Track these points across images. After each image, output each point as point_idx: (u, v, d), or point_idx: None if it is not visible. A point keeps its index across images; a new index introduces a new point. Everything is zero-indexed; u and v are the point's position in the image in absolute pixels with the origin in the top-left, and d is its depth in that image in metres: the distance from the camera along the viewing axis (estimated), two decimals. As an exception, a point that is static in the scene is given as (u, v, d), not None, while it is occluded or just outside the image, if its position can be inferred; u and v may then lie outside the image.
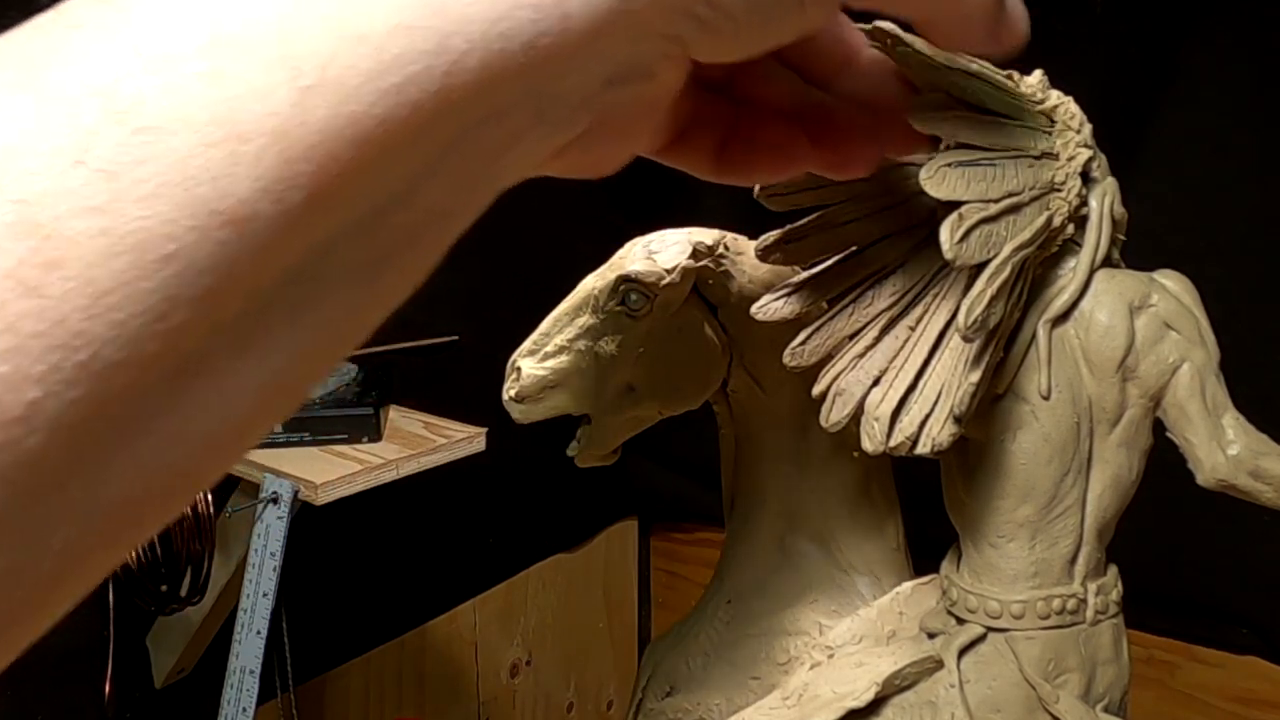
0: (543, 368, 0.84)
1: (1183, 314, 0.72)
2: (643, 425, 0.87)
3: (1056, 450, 0.73)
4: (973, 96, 0.64)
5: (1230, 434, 0.70)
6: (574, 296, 0.86)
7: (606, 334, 0.82)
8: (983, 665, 0.77)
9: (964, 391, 0.67)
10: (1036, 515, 0.74)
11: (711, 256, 0.83)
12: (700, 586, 0.99)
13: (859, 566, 0.88)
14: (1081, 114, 0.70)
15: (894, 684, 0.81)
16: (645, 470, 1.93)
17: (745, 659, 0.90)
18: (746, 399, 0.89)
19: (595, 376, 0.83)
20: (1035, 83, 0.70)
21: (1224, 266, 1.31)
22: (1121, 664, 0.79)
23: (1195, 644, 1.50)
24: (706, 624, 0.94)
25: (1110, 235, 0.72)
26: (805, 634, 0.88)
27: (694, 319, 0.84)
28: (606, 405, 0.84)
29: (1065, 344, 0.73)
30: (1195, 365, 0.71)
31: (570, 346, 0.84)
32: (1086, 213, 0.71)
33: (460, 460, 1.21)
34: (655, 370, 0.83)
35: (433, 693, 1.73)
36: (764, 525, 0.90)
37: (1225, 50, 1.35)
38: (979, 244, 0.64)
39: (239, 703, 1.13)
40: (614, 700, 2.04)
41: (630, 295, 0.81)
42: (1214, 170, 1.37)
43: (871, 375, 0.69)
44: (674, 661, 0.94)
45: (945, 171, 0.63)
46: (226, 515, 1.19)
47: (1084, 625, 0.76)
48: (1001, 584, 0.75)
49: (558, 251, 1.78)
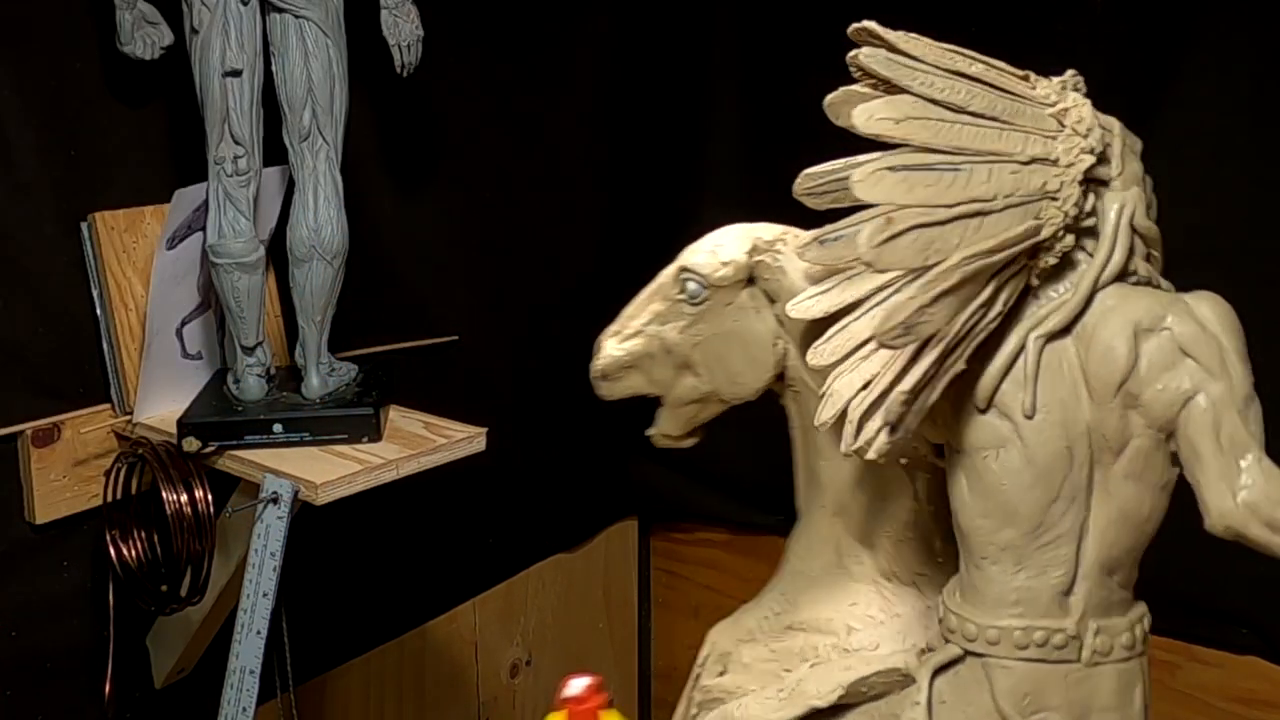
0: (620, 349, 0.88)
1: (1203, 340, 0.65)
2: (708, 412, 0.90)
3: (1041, 474, 0.68)
4: (953, 98, 0.63)
5: (1246, 477, 0.62)
6: (652, 283, 0.90)
7: (671, 320, 0.86)
8: (961, 688, 0.75)
9: (893, 400, 0.65)
10: (1021, 540, 0.69)
11: (768, 251, 0.85)
12: (700, 586, 1.00)
13: (902, 576, 0.88)
14: (1093, 119, 0.67)
15: (860, 691, 0.81)
16: (645, 470, 1.93)
17: (784, 651, 0.91)
18: (804, 395, 0.89)
19: (663, 361, 0.87)
20: (1055, 84, 0.68)
21: (1224, 267, 1.31)
22: (1128, 715, 0.72)
23: (1195, 644, 1.50)
24: (760, 611, 0.95)
25: (1128, 249, 0.68)
26: (835, 635, 0.88)
27: (749, 311, 0.86)
28: (673, 389, 0.88)
29: (1063, 362, 0.68)
30: (1211, 397, 0.64)
31: (643, 330, 0.87)
32: (1095, 223, 0.68)
33: (460, 460, 1.20)
34: (712, 357, 0.86)
35: (433, 693, 1.73)
36: (823, 522, 0.91)
37: (1225, 50, 1.35)
38: (912, 249, 0.62)
39: (239, 703, 1.13)
40: (614, 700, 2.04)
41: (689, 284, 0.84)
42: (1214, 170, 1.37)
43: (864, 378, 0.68)
44: (728, 643, 0.95)
45: (882, 175, 0.62)
46: (226, 515, 1.19)
47: (1077, 665, 0.71)
48: (982, 607, 0.72)
49: (558, 252, 1.78)
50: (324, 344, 1.23)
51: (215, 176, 1.15)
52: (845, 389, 0.69)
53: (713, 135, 1.80)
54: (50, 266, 1.20)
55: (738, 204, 1.75)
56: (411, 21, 1.26)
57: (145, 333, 1.21)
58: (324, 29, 1.14)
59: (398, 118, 1.48)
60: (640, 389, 0.89)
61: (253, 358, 1.22)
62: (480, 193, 1.62)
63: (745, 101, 1.76)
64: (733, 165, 1.78)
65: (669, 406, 0.90)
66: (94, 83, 1.21)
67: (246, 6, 1.11)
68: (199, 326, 1.27)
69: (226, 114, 1.13)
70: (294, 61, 1.14)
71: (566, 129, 1.71)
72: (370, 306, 1.47)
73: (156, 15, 1.17)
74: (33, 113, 1.17)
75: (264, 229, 1.24)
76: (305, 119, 1.16)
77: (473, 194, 1.62)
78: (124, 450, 1.23)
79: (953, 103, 0.64)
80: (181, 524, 1.15)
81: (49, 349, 1.21)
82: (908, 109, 0.63)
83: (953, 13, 1.35)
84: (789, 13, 1.67)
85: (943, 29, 0.72)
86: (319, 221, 1.18)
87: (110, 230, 1.22)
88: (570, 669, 2.03)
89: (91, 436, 1.23)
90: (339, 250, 1.19)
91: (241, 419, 1.18)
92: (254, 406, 1.20)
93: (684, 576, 1.99)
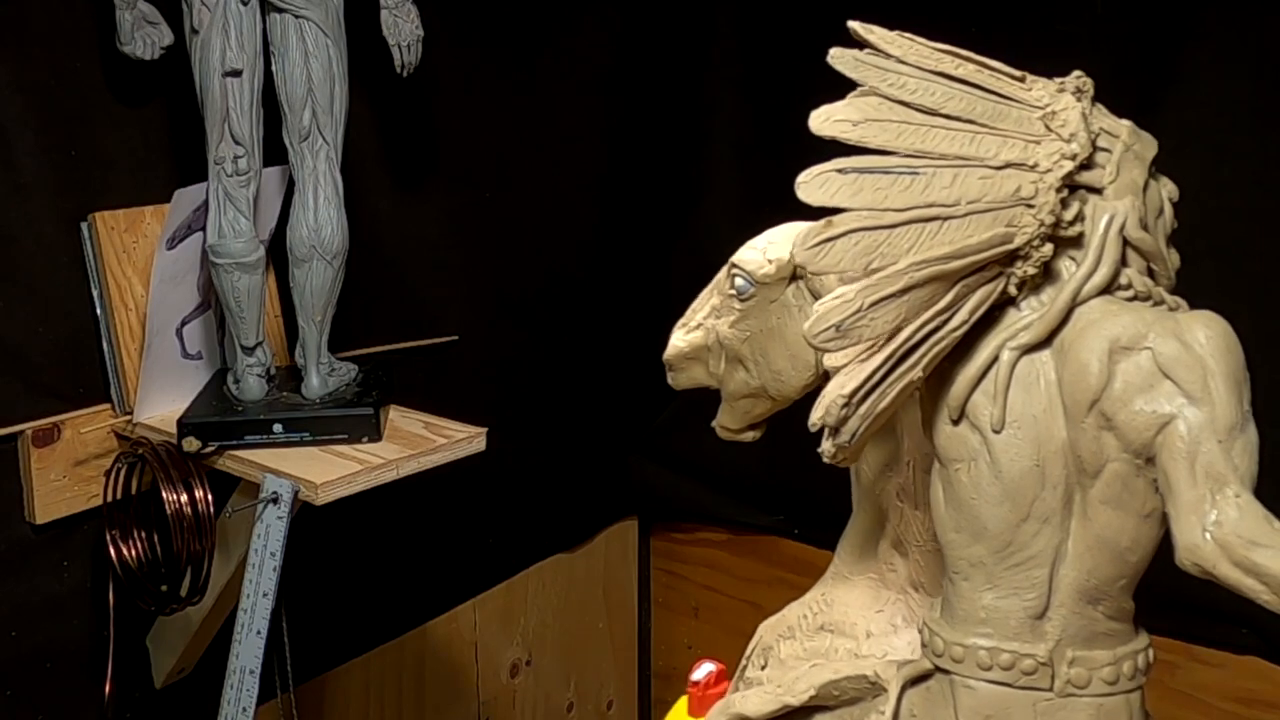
0: (684, 340, 0.88)
1: (1186, 363, 0.60)
2: (761, 408, 0.88)
3: (1009, 491, 0.65)
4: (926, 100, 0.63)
5: (1217, 513, 0.57)
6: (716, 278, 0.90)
7: (724, 315, 0.86)
8: (931, 704, 0.72)
9: (833, 402, 0.63)
10: (990, 558, 0.66)
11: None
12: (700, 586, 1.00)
13: (929, 588, 0.87)
14: (1080, 123, 0.64)
15: (832, 693, 0.80)
16: (645, 470, 1.93)
17: (814, 649, 0.90)
18: None
19: (718, 354, 0.87)
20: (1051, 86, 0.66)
21: (1223, 267, 1.32)
22: None
23: (1195, 644, 1.50)
24: (802, 609, 0.95)
25: (1115, 261, 0.64)
26: (855, 640, 0.88)
27: (793, 309, 0.86)
28: (728, 383, 0.88)
29: (1041, 377, 0.64)
30: (1189, 424, 0.59)
31: (703, 323, 0.88)
32: (1080, 233, 0.64)
33: (460, 460, 1.20)
34: (759, 353, 0.86)
35: (433, 693, 1.73)
36: (866, 526, 0.91)
37: (1225, 50, 1.35)
38: (850, 253, 0.60)
39: (239, 703, 1.13)
40: (614, 700, 2.04)
41: (737, 280, 0.84)
42: (1214, 170, 1.37)
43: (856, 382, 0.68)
44: (771, 638, 0.95)
45: (829, 177, 0.61)
46: (226, 515, 1.19)
47: (1048, 694, 0.66)
48: (952, 623, 0.69)
49: (558, 253, 1.78)
50: (324, 344, 1.23)
51: (215, 176, 1.15)
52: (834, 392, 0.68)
53: (713, 136, 1.80)
54: (50, 266, 1.20)
55: (738, 204, 1.77)
56: (411, 21, 1.26)
57: (145, 333, 1.21)
58: (324, 29, 1.14)
59: (398, 118, 1.48)
60: (702, 380, 0.90)
61: (253, 358, 1.22)
62: (480, 193, 1.63)
63: (745, 103, 1.76)
64: (732, 166, 1.78)
65: (726, 399, 0.90)
66: (94, 83, 1.21)
67: (246, 6, 1.11)
68: (199, 326, 1.27)
69: (226, 114, 1.13)
70: (294, 61, 1.14)
71: (566, 129, 1.71)
72: (370, 306, 1.47)
73: (156, 15, 1.17)
74: (33, 113, 1.17)
75: (264, 229, 1.24)
76: (305, 119, 1.16)
77: (473, 194, 1.62)
78: (124, 450, 1.23)
79: (924, 105, 0.63)
80: (181, 524, 1.15)
81: (49, 349, 1.21)
82: (870, 111, 0.62)
83: (953, 13, 1.35)
84: (789, 13, 1.67)
85: (943, 29, 0.72)
86: (319, 221, 1.18)
87: (110, 230, 1.22)
88: (570, 669, 2.04)
89: (91, 436, 1.23)
90: (339, 250, 1.19)
91: (241, 419, 1.18)
92: (254, 406, 1.20)
93: (684, 576, 1.99)
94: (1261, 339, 0.71)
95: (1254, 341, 0.67)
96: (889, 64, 0.64)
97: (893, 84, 0.63)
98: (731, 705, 0.88)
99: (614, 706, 2.04)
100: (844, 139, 0.61)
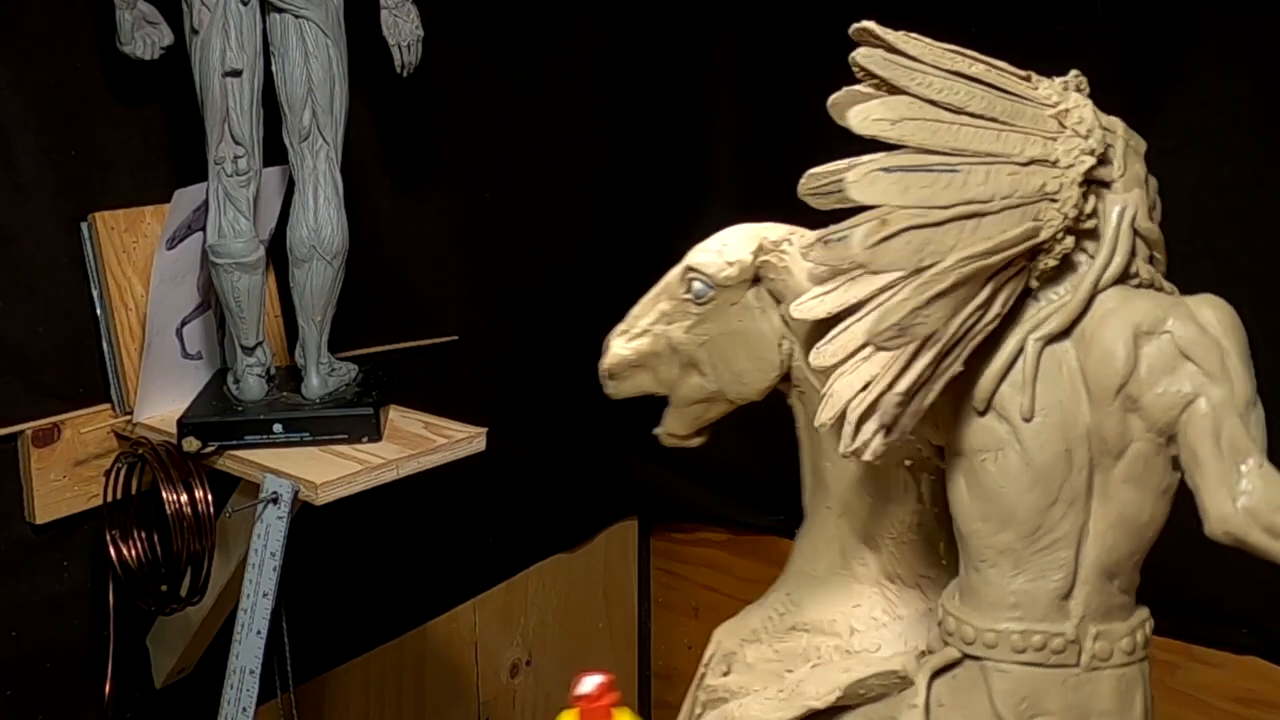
0: (627, 348, 0.88)
1: (1204, 344, 0.64)
2: (714, 412, 0.90)
3: (1039, 477, 0.68)
4: (951, 98, 0.63)
5: (1245, 482, 0.62)
6: (660, 282, 0.90)
7: (676, 320, 0.86)
8: (960, 692, 0.74)
9: (888, 402, 0.65)
10: (1019, 543, 0.69)
11: (774, 251, 0.85)
12: (700, 586, 1.00)
13: (906, 578, 0.88)
14: (1094, 120, 0.66)
15: (858, 693, 0.81)
16: (645, 470, 1.93)
17: (787, 651, 0.91)
18: (809, 395, 0.89)
19: (669, 360, 0.87)
20: (1057, 84, 0.68)
21: (1223, 267, 1.31)
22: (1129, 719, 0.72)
23: (1195, 644, 1.50)
24: (765, 611, 0.95)
25: (1129, 251, 0.67)
26: (838, 636, 0.88)
27: (754, 311, 0.86)
28: (680, 389, 0.88)
29: (1063, 365, 0.68)
30: (1211, 401, 0.63)
31: (650, 330, 0.87)
32: (1095, 225, 0.67)
33: (460, 460, 1.20)
34: (718, 356, 0.86)
35: (433, 693, 1.73)
36: (828, 525, 0.91)
37: (1225, 50, 1.35)
38: (905, 251, 0.62)
39: (239, 703, 1.13)
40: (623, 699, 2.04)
41: (694, 284, 0.84)
42: (1214, 170, 1.37)
43: (862, 380, 0.68)
44: (733, 643, 0.95)
45: (877, 176, 0.62)
46: (226, 515, 1.19)
47: (1076, 670, 0.70)
48: (980, 610, 0.72)
49: (558, 252, 1.78)
50: (324, 344, 1.23)
51: (215, 176, 1.15)
52: (844, 390, 0.69)
53: (713, 136, 1.80)
54: (50, 266, 1.20)
55: (738, 204, 1.76)
56: (411, 21, 1.26)
57: (145, 333, 1.21)
58: (324, 29, 1.14)
59: (398, 118, 1.48)
60: (647, 388, 0.89)
61: (253, 358, 1.22)
62: (480, 193, 1.62)
63: (745, 102, 1.76)
64: (733, 166, 1.78)
65: (675, 406, 0.90)
66: (94, 83, 1.21)
67: (246, 6, 1.11)
68: (199, 326, 1.27)
69: (226, 114, 1.13)
70: (294, 61, 1.14)
71: (566, 129, 1.71)
72: (370, 306, 1.47)
73: (156, 15, 1.17)
74: (33, 113, 1.17)
75: (264, 229, 1.24)
76: (305, 119, 1.16)
77: (473, 194, 1.62)
78: (124, 450, 1.23)
79: (950, 103, 0.64)
80: (181, 524, 1.15)
81: (49, 349, 1.21)
82: (904, 109, 0.63)
83: (953, 13, 1.35)
84: (789, 13, 1.67)
85: (943, 29, 0.72)
86: (319, 221, 1.18)
87: (110, 230, 1.22)
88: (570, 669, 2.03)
89: (91, 436, 1.23)
90: (339, 250, 1.19)
91: (241, 419, 1.18)
92: (254, 406, 1.20)
93: (684, 576, 1.99)
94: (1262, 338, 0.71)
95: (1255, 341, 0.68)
96: (913, 64, 0.64)
97: (920, 83, 0.64)
98: (730, 716, 0.87)
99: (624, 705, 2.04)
100: (884, 137, 0.62)
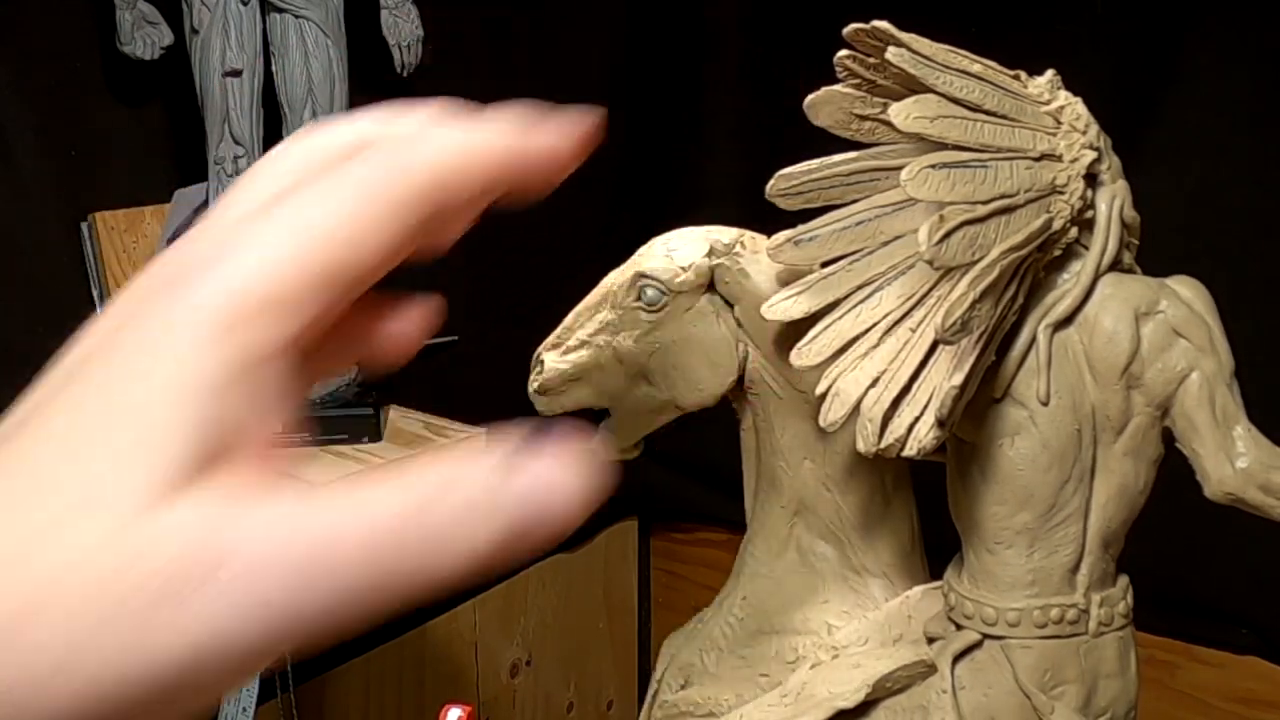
0: (565, 361, 0.85)
1: (1193, 321, 0.70)
2: (662, 421, 0.88)
3: (1056, 457, 0.71)
4: (970, 96, 0.64)
5: (1240, 446, 0.68)
6: (596, 292, 0.87)
7: (624, 329, 0.83)
8: (979, 672, 0.76)
9: (946, 395, 0.67)
10: (1035, 523, 0.73)
11: (728, 254, 0.83)
12: (700, 586, 1.00)
13: (872, 569, 0.87)
14: (1089, 116, 0.69)
15: (885, 687, 0.81)
16: (645, 470, 1.92)
17: (756, 656, 0.89)
18: (764, 398, 0.88)
19: (614, 371, 0.84)
20: (1044, 83, 0.70)
21: (1223, 267, 1.31)
22: (1128, 678, 0.77)
23: (1195, 644, 1.50)
24: (722, 618, 0.93)
25: (1120, 239, 0.71)
26: (814, 634, 0.87)
27: (709, 315, 0.84)
28: (626, 400, 0.85)
29: (1068, 349, 0.71)
30: (1205, 374, 0.69)
31: (591, 341, 0.84)
32: (1092, 216, 0.70)
33: (460, 460, 1.20)
34: (671, 365, 0.84)
35: (433, 693, 1.73)
36: (781, 524, 0.90)
37: (1225, 50, 1.35)
38: (962, 246, 0.63)
39: (239, 703, 1.13)
40: (614, 700, 2.04)
41: (647, 291, 0.82)
42: (1214, 170, 1.37)
43: (870, 376, 0.69)
44: (689, 654, 0.93)
45: (928, 173, 0.63)
46: (226, 515, 1.19)
47: (1086, 637, 0.74)
48: (998, 591, 0.74)
49: (557, 252, 1.78)
50: (324, 344, 1.23)
51: (215, 176, 1.15)
52: (853, 387, 0.69)
53: (713, 138, 1.80)
54: (50, 266, 1.20)
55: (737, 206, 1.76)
56: (411, 21, 1.26)
57: (145, 333, 1.21)
58: (324, 29, 1.14)
59: (398, 118, 1.48)
60: (586, 402, 0.85)
61: (253, 358, 1.22)
62: (480, 193, 1.62)
63: (745, 102, 1.76)
64: (732, 166, 1.78)
65: (621, 417, 0.87)
66: (94, 83, 1.21)
67: (246, 6, 1.11)
68: (199, 326, 1.27)
69: (226, 114, 1.13)
70: (294, 61, 1.14)
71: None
72: (370, 306, 1.46)
73: (156, 15, 1.17)
74: (33, 113, 1.17)
75: (264, 229, 1.24)
76: (305, 119, 1.16)
77: (472, 194, 1.61)
78: (124, 450, 1.23)
79: (970, 101, 0.65)
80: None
81: (49, 349, 1.20)
82: (935, 108, 0.64)
83: (953, 13, 1.35)
84: (788, 13, 1.67)
85: (943, 29, 0.72)
86: (319, 221, 1.18)
87: (110, 230, 1.22)
88: (570, 669, 2.03)
89: (91, 436, 1.23)
90: (339, 250, 1.19)
91: (241, 419, 1.18)
92: (254, 406, 1.20)
93: (684, 576, 2.00)
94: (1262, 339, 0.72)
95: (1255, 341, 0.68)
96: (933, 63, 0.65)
97: (944, 82, 0.64)
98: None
99: (614, 706, 2.04)
100: (927, 135, 0.64)
